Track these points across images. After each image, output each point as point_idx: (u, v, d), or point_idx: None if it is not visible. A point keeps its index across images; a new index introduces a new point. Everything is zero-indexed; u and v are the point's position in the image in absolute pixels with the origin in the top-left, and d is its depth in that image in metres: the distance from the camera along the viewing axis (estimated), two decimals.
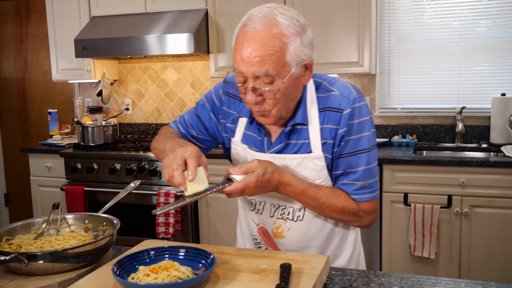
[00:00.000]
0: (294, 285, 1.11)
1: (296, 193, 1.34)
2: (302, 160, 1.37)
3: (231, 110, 1.50)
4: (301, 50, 1.25)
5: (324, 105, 1.36)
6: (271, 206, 1.45)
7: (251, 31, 1.23)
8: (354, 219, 1.40)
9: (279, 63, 1.22)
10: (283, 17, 1.24)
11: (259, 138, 1.43)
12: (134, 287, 1.08)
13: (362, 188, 1.38)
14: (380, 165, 3.10)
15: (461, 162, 2.92)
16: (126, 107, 4.39)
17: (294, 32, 1.24)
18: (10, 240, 1.39)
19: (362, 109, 1.35)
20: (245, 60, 1.23)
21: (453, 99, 3.59)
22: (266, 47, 1.21)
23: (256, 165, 1.27)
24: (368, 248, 3.19)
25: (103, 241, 1.31)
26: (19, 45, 4.74)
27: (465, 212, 2.94)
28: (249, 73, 1.24)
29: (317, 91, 1.38)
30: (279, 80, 1.24)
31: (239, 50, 1.24)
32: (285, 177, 1.32)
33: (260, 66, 1.22)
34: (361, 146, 1.35)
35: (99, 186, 3.60)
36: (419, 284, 1.21)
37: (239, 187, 1.24)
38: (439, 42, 3.57)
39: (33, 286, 1.19)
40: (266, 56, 1.21)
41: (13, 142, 4.86)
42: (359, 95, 1.37)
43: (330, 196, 1.36)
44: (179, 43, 3.46)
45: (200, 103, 1.57)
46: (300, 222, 1.43)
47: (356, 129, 1.34)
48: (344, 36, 3.36)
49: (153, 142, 1.57)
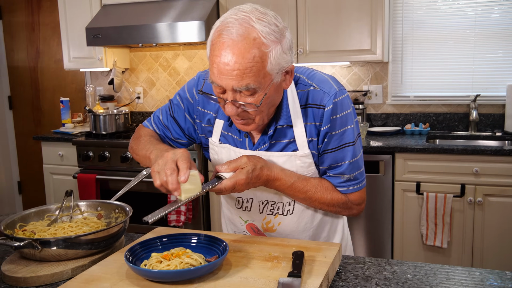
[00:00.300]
0: (307, 273, 1.10)
1: (285, 187, 1.32)
2: (289, 158, 1.35)
3: (207, 110, 1.43)
4: (282, 57, 1.17)
5: (305, 102, 1.32)
6: (259, 203, 1.42)
7: (227, 41, 1.13)
8: (343, 209, 1.40)
9: (259, 74, 1.15)
10: (261, 23, 1.14)
11: (240, 140, 1.38)
12: (146, 274, 1.08)
13: (348, 180, 1.36)
14: (393, 154, 3.07)
15: (475, 150, 2.89)
16: (138, 96, 4.39)
17: (274, 40, 1.15)
18: (24, 226, 1.40)
19: (344, 102, 1.31)
20: (223, 73, 1.14)
21: (467, 87, 3.54)
22: (245, 59, 1.12)
23: (245, 161, 1.25)
24: (379, 236, 3.17)
25: (115, 228, 1.32)
26: (31, 34, 4.76)
27: (478, 201, 2.91)
28: (228, 87, 1.16)
29: (296, 86, 1.33)
30: (261, 91, 1.17)
31: (216, 62, 1.15)
32: (274, 172, 1.30)
33: (240, 80, 1.14)
34: (345, 140, 1.33)
35: (111, 174, 3.63)
36: (432, 273, 1.20)
37: (229, 185, 1.22)
38: (453, 28, 3.51)
39: (47, 272, 1.20)
40: (246, 69, 1.13)
41: (26, 131, 4.90)
42: (339, 87, 1.32)
43: (319, 189, 1.35)
44: (190, 31, 3.44)
45: (175, 102, 1.50)
46: (291, 216, 1.42)
47: (340, 123, 1.31)
48: (356, 23, 3.32)
49: (133, 145, 1.50)
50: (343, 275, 1.21)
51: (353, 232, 3.23)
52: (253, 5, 1.19)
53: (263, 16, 1.16)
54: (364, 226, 3.20)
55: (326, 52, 3.42)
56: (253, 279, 1.08)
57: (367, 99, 3.73)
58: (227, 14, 1.18)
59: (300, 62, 3.47)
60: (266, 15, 1.17)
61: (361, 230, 3.22)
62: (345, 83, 3.79)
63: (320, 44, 3.42)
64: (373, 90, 3.73)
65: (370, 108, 3.77)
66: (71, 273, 1.22)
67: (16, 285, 1.19)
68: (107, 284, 1.08)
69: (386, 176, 3.09)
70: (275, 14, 1.20)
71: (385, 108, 3.74)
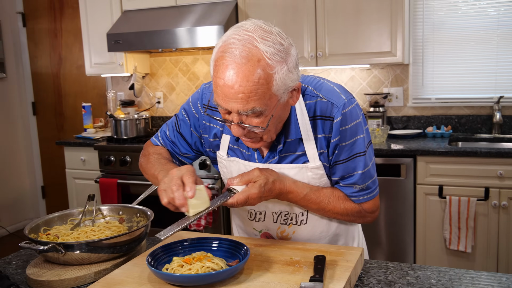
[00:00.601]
0: (329, 277, 1.09)
1: (298, 199, 1.31)
2: (300, 170, 1.32)
3: (212, 124, 1.41)
4: (288, 77, 1.13)
5: (313, 114, 1.29)
6: (272, 214, 1.41)
7: (231, 64, 1.09)
8: (357, 218, 1.39)
9: (265, 96, 1.11)
10: (265, 43, 1.10)
11: (248, 153, 1.36)
12: (168, 278, 1.08)
13: (360, 190, 1.34)
14: (414, 157, 3.03)
15: (499, 153, 2.83)
16: (158, 100, 4.43)
17: (279, 60, 1.11)
18: (48, 230, 1.42)
19: (353, 112, 1.28)
20: (228, 97, 1.11)
21: (490, 88, 3.47)
22: (250, 82, 1.08)
23: (258, 175, 1.23)
24: (402, 241, 3.13)
25: (137, 232, 1.33)
26: (54, 40, 4.84)
27: (503, 204, 2.85)
28: (233, 109, 1.13)
29: (304, 97, 1.30)
30: (267, 113, 1.14)
31: (220, 85, 1.11)
32: (286, 184, 1.28)
33: (245, 104, 1.10)
34: (356, 150, 1.30)
35: (132, 178, 3.66)
36: (457, 278, 1.18)
37: (241, 199, 1.21)
38: (475, 29, 3.46)
39: (71, 275, 1.21)
40: (251, 93, 1.09)
41: (49, 136, 4.98)
42: (347, 97, 1.29)
43: (332, 199, 1.33)
44: (209, 36, 3.46)
45: (180, 117, 1.48)
46: (304, 226, 1.41)
47: (350, 134, 1.28)
48: (375, 25, 3.30)
49: (142, 162, 1.50)
50: (365, 279, 1.19)
51: (375, 236, 3.20)
52: (257, 22, 1.14)
53: (268, 35, 1.11)
54: (386, 231, 3.17)
55: (345, 55, 3.40)
56: (274, 284, 1.07)
57: (387, 101, 3.70)
58: (230, 32, 1.14)
59: (319, 65, 3.46)
60: (270, 33, 1.12)
61: (383, 234, 3.18)
62: (365, 85, 3.76)
63: (340, 46, 3.40)
64: (394, 93, 3.69)
65: (390, 111, 3.73)
66: (94, 277, 1.23)
67: None
68: None
69: (407, 179, 3.06)
70: (280, 31, 1.16)
71: (406, 110, 3.70)
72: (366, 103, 3.75)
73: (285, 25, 3.47)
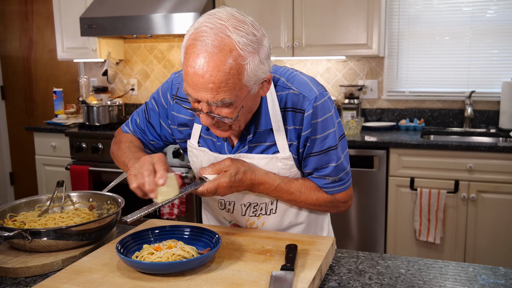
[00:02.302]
0: (300, 266, 1.09)
1: (270, 190, 1.31)
2: (270, 160, 1.32)
3: (182, 115, 1.39)
4: (259, 68, 1.11)
5: (284, 105, 1.28)
6: (241, 206, 1.40)
7: (202, 52, 1.06)
8: (329, 208, 1.40)
9: (235, 87, 1.09)
10: (238, 33, 1.07)
11: (219, 143, 1.35)
12: (138, 265, 1.07)
13: (333, 182, 1.35)
14: (387, 149, 3.07)
15: (469, 147, 2.89)
16: (132, 87, 4.36)
17: (251, 51, 1.09)
18: (14, 217, 1.38)
19: (325, 106, 1.27)
20: (198, 86, 1.08)
21: (462, 83, 3.53)
22: (221, 72, 1.06)
23: (229, 164, 1.23)
24: (372, 231, 3.18)
25: (107, 219, 1.30)
26: (24, 23, 4.71)
27: (472, 197, 2.92)
28: (203, 99, 1.11)
29: (275, 88, 1.29)
30: (237, 103, 1.13)
31: (190, 74, 1.08)
32: (257, 175, 1.28)
33: (215, 94, 1.08)
34: (328, 144, 1.30)
35: (104, 166, 3.60)
36: (426, 268, 1.19)
37: (211, 187, 1.20)
38: (449, 24, 3.51)
39: (37, 262, 1.18)
40: (222, 83, 1.07)
41: (18, 121, 4.86)
42: (319, 90, 1.28)
43: (304, 190, 1.34)
44: (185, 23, 3.41)
45: (150, 106, 1.46)
46: (274, 215, 1.41)
47: (321, 127, 1.28)
48: (353, 17, 3.30)
49: (113, 150, 1.49)
50: (336, 269, 1.20)
51: (346, 227, 3.23)
52: (230, 11, 1.12)
53: (241, 25, 1.08)
54: (358, 221, 3.20)
55: (322, 46, 3.41)
56: (245, 272, 1.07)
57: (362, 94, 3.72)
58: (202, 19, 1.11)
59: (296, 56, 3.45)
60: (244, 23, 1.09)
61: (354, 225, 3.22)
62: (341, 77, 3.78)
63: (316, 37, 3.40)
64: (369, 85, 3.72)
65: (365, 103, 3.76)
66: (61, 264, 1.20)
67: (5, 275, 1.17)
68: (97, 276, 1.07)
69: (380, 171, 3.09)
70: (253, 21, 1.13)
71: (380, 103, 3.74)
72: (341, 94, 3.77)
73: (263, 14, 3.45)
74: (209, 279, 1.04)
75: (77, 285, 1.03)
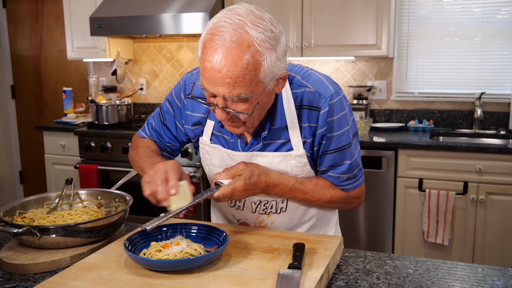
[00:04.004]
0: (307, 265, 1.09)
1: (284, 191, 1.31)
2: (284, 158, 1.32)
3: (196, 113, 1.40)
4: (276, 65, 1.13)
5: (300, 103, 1.28)
6: (251, 204, 1.40)
7: (220, 47, 1.07)
8: (343, 205, 1.40)
9: (252, 83, 1.10)
10: (256, 29, 1.08)
11: (232, 140, 1.35)
12: (145, 263, 1.07)
13: (347, 179, 1.36)
14: (396, 150, 3.05)
15: (479, 148, 2.87)
16: (140, 87, 4.38)
17: (269, 47, 1.10)
18: (23, 214, 1.39)
19: (340, 104, 1.29)
20: (215, 80, 1.09)
21: (472, 84, 3.51)
22: (238, 67, 1.07)
23: (243, 168, 1.23)
24: (380, 232, 3.16)
25: (115, 216, 1.31)
26: (34, 23, 4.74)
27: (481, 199, 2.89)
28: (219, 94, 1.12)
29: (290, 86, 1.29)
30: (253, 99, 1.13)
31: (207, 68, 1.09)
32: (272, 177, 1.28)
33: (231, 89, 1.09)
34: (344, 142, 1.31)
35: (112, 165, 3.61)
36: (434, 268, 1.19)
37: (227, 191, 1.20)
38: (459, 26, 3.48)
39: (46, 259, 1.19)
40: (238, 78, 1.08)
41: (28, 120, 4.89)
42: (335, 88, 1.29)
43: (317, 188, 1.34)
44: (194, 23, 3.42)
45: (164, 109, 1.48)
46: (284, 213, 1.41)
47: (337, 125, 1.29)
48: (362, 18, 3.29)
49: (131, 154, 1.51)
50: (343, 268, 1.19)
51: (354, 228, 3.22)
52: (248, 7, 1.13)
53: (259, 21, 1.10)
54: (365, 222, 3.19)
55: (331, 46, 3.40)
56: (252, 270, 1.07)
57: (371, 94, 3.71)
58: (221, 15, 1.12)
59: (304, 56, 3.45)
60: (262, 20, 1.11)
61: (362, 226, 3.20)
62: (349, 78, 3.77)
63: (325, 38, 3.40)
64: (377, 86, 3.70)
65: (373, 104, 3.75)
66: (69, 261, 1.21)
67: (14, 272, 1.18)
68: (105, 272, 1.07)
69: (388, 172, 3.08)
70: (271, 18, 1.15)
71: (389, 104, 3.72)
72: (349, 95, 3.76)
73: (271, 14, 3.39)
74: (216, 276, 1.04)
75: (85, 281, 1.03)
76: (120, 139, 3.60)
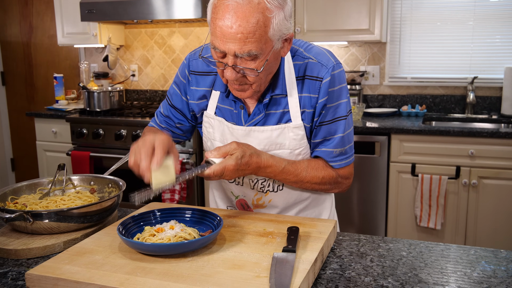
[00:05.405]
0: (301, 248, 1.09)
1: (276, 173, 1.32)
2: (282, 131, 1.35)
3: (200, 87, 1.42)
4: (284, 24, 1.18)
5: (302, 73, 1.32)
6: (249, 181, 1.42)
7: (232, 4, 1.12)
8: (333, 186, 1.41)
9: (261, 40, 1.15)
10: None
11: (236, 111, 1.37)
12: (139, 247, 1.07)
13: (339, 154, 1.38)
14: (389, 135, 3.06)
15: (471, 133, 2.88)
16: (132, 73, 4.34)
17: (277, 5, 1.15)
18: (16, 199, 1.38)
19: (341, 76, 1.33)
20: (226, 37, 1.14)
21: (464, 69, 3.52)
22: (249, 23, 1.12)
23: (235, 147, 1.24)
24: (373, 217, 3.18)
25: (108, 201, 1.30)
26: (24, 8, 4.67)
27: (473, 183, 2.91)
28: (230, 51, 1.15)
29: (293, 58, 1.33)
30: (262, 57, 1.18)
31: (219, 26, 1.14)
32: (263, 159, 1.29)
33: (242, 44, 1.13)
34: (339, 113, 1.34)
35: (104, 151, 3.59)
36: (428, 251, 1.19)
37: (217, 169, 1.21)
38: (452, 10, 3.48)
39: (39, 244, 1.19)
40: (250, 34, 1.12)
41: (18, 107, 4.85)
42: (336, 61, 1.33)
43: (309, 169, 1.35)
44: (186, 8, 3.39)
45: (171, 91, 1.50)
46: (281, 192, 1.42)
47: (336, 96, 1.32)
48: (354, 2, 3.27)
49: None
50: (337, 251, 1.20)
51: (347, 213, 3.24)
52: None
53: None
54: (359, 207, 3.21)
55: (323, 31, 3.38)
56: (247, 254, 1.07)
57: (364, 79, 3.71)
58: None
59: None
60: None
61: (355, 210, 3.22)
62: (342, 63, 3.75)
63: (318, 23, 3.38)
64: (370, 71, 3.70)
65: (366, 89, 3.75)
66: (63, 246, 1.21)
67: (7, 257, 1.17)
68: (99, 257, 1.07)
69: (381, 157, 3.09)
70: None
71: (382, 89, 3.72)
72: None
73: None
74: (210, 260, 1.04)
75: (79, 265, 1.03)
76: (112, 125, 3.57)
